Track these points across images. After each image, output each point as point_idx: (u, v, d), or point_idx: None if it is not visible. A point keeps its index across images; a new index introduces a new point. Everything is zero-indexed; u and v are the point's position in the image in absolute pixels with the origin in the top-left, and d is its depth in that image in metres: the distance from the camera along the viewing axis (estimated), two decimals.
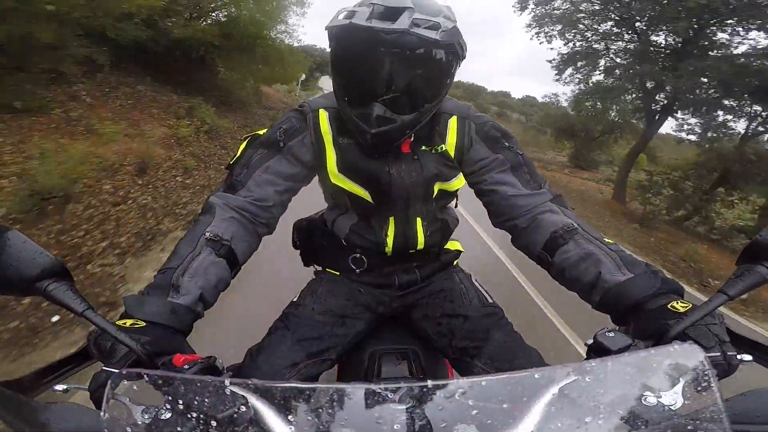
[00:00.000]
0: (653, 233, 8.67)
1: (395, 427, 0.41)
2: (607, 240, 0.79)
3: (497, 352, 0.88)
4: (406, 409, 0.42)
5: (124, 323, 0.60)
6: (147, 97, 7.27)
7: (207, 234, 0.78)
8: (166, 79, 8.34)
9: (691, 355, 0.43)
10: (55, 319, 2.35)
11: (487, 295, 1.04)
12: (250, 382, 0.43)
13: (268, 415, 0.42)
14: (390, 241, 1.00)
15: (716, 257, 7.77)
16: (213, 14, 9.81)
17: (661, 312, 0.61)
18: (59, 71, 5.32)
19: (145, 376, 0.43)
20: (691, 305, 0.59)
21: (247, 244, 0.86)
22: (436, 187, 0.97)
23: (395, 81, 0.78)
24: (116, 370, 0.50)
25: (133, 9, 5.99)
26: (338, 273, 1.09)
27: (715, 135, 11.14)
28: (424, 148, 0.93)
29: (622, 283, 0.69)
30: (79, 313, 0.54)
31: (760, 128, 10.70)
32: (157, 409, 0.44)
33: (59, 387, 0.52)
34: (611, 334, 0.53)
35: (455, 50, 0.80)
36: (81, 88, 5.77)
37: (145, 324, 0.61)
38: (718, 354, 0.52)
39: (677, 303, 0.60)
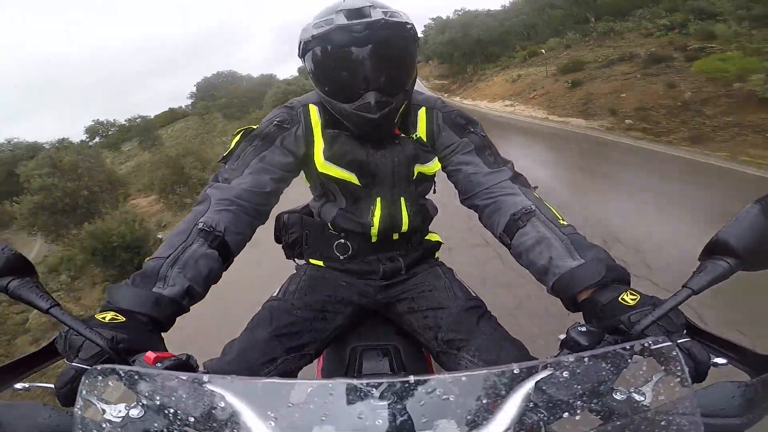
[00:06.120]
0: None
1: (377, 422, 0.41)
2: (562, 222, 0.81)
3: (484, 344, 0.89)
4: (388, 404, 0.42)
5: (104, 318, 0.58)
6: None
7: (200, 224, 0.78)
8: None
9: (662, 350, 0.44)
10: None
11: (469, 289, 1.05)
12: (229, 378, 0.42)
13: (248, 411, 0.41)
14: (376, 221, 1.02)
15: None
16: None
17: (614, 306, 0.62)
18: None
19: (120, 372, 0.42)
20: (639, 296, 0.61)
21: (241, 237, 0.86)
22: (416, 170, 1.03)
23: (383, 67, 0.87)
24: (87, 367, 0.49)
25: None
26: (321, 263, 1.09)
27: None
28: (402, 135, 1.02)
29: (571, 271, 0.72)
30: (45, 311, 0.52)
31: None
32: (130, 407, 0.43)
33: (20, 385, 0.50)
34: (583, 329, 0.55)
35: (416, 31, 0.92)
36: None
37: (119, 320, 0.59)
38: (679, 343, 0.54)
39: (626, 295, 0.62)
